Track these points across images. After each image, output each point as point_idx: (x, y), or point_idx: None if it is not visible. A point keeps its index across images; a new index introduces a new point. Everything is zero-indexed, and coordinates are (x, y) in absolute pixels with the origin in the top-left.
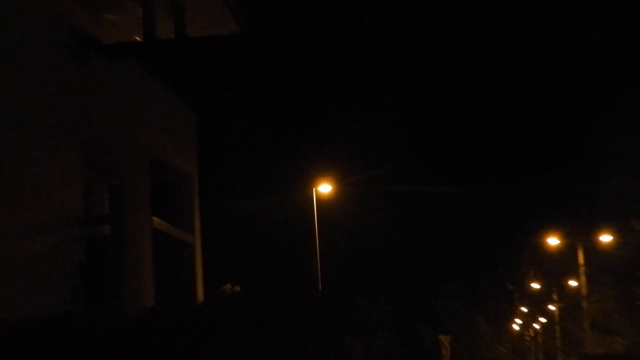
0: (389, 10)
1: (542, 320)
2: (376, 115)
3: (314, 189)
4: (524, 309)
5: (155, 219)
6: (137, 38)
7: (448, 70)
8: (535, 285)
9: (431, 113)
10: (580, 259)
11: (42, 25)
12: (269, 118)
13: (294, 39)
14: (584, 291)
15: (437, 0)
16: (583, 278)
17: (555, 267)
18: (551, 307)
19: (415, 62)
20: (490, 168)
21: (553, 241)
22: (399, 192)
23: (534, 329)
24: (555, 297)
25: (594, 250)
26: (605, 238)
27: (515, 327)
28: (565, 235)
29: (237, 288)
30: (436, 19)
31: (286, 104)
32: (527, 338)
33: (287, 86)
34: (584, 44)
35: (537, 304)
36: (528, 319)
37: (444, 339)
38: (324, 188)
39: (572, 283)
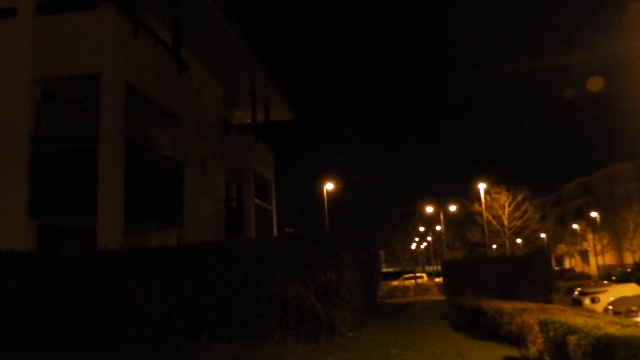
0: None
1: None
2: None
3: (324, 187)
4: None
5: (256, 199)
6: (249, 121)
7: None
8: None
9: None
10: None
11: (214, 117)
12: (304, 159)
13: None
14: (443, 230)
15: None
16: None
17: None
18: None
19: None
20: None
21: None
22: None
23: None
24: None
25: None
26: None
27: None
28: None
29: (291, 229)
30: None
31: (315, 153)
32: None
33: (316, 143)
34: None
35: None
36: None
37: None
38: (329, 186)
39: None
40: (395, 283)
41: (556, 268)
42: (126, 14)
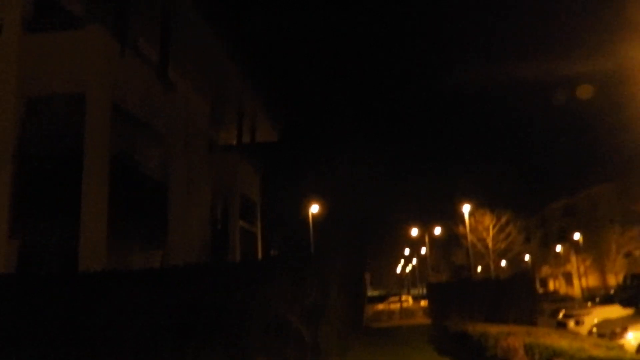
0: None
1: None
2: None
3: (310, 209)
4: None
5: (241, 221)
6: (234, 142)
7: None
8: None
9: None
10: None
11: (200, 137)
12: (289, 180)
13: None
14: (428, 253)
15: None
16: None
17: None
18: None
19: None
20: None
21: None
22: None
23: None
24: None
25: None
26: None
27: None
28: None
29: (276, 252)
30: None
31: (301, 175)
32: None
33: (301, 166)
34: None
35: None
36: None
37: (367, 275)
38: (314, 208)
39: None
40: (380, 307)
41: (540, 290)
42: (113, 33)
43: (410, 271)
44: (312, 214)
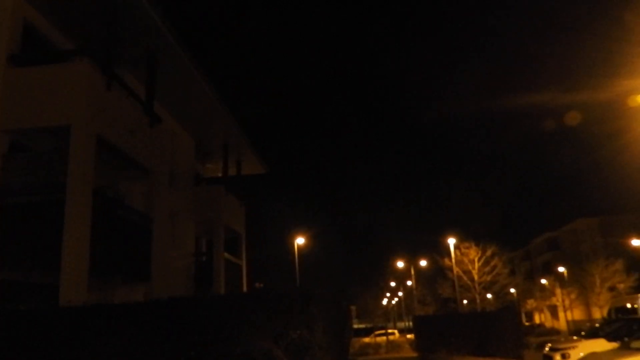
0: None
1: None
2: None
3: (295, 241)
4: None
5: (226, 253)
6: (220, 174)
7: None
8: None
9: None
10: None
11: (185, 170)
12: (275, 212)
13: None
14: (414, 285)
15: None
16: (414, 281)
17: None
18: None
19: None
20: None
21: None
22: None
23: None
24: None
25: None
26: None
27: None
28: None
29: (261, 285)
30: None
31: (286, 207)
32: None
33: (288, 197)
34: None
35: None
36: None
37: (353, 307)
38: (300, 240)
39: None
40: (366, 340)
41: (526, 323)
42: (99, 66)
43: (397, 303)
44: (298, 246)
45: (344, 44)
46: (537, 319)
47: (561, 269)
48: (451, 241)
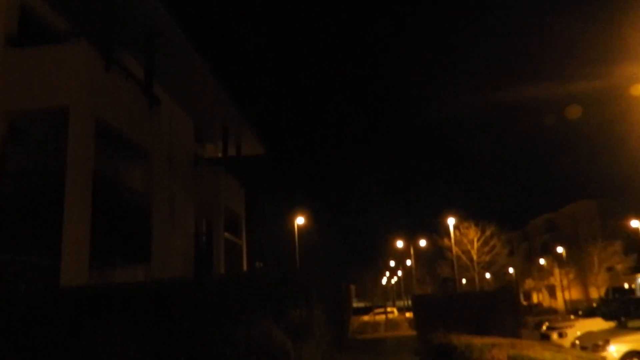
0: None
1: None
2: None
3: (295, 221)
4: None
5: (226, 233)
6: (220, 155)
7: None
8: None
9: None
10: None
11: (184, 151)
12: (275, 193)
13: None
14: (413, 265)
15: None
16: (413, 261)
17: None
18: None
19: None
20: None
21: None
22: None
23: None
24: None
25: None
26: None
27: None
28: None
29: (261, 265)
30: None
31: (286, 188)
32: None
33: (288, 178)
34: None
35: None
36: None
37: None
38: (300, 220)
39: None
40: (366, 318)
41: (524, 303)
42: (98, 48)
43: (396, 283)
44: (298, 226)
45: (344, 28)
46: (535, 298)
47: (560, 250)
48: (451, 221)
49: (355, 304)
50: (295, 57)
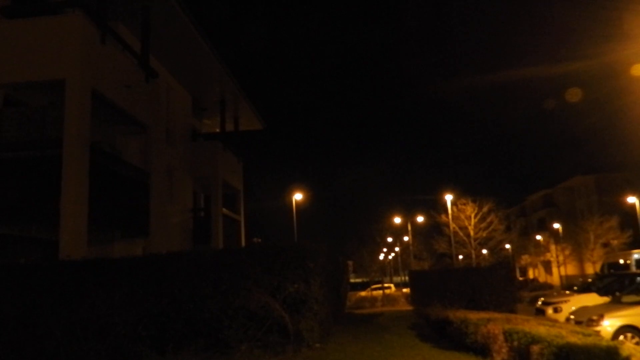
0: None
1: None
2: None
3: (293, 196)
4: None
5: (224, 209)
6: (217, 130)
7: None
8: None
9: None
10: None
11: (182, 125)
12: (273, 168)
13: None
14: (411, 241)
15: None
16: (411, 237)
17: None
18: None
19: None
20: None
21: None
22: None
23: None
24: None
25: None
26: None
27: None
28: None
29: (259, 239)
30: None
31: (284, 163)
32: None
33: (286, 153)
34: None
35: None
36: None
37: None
38: (298, 196)
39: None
40: (363, 293)
41: (520, 278)
42: (93, 19)
43: (393, 258)
44: (296, 202)
45: (355, 5)
46: (531, 274)
47: (556, 226)
48: (448, 197)
49: (352, 279)
50: (294, 31)
